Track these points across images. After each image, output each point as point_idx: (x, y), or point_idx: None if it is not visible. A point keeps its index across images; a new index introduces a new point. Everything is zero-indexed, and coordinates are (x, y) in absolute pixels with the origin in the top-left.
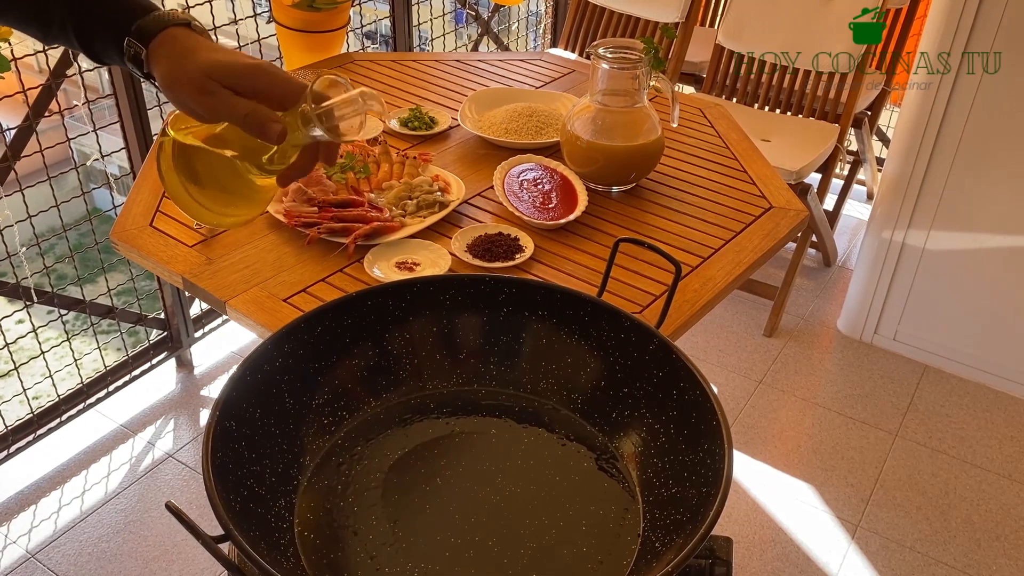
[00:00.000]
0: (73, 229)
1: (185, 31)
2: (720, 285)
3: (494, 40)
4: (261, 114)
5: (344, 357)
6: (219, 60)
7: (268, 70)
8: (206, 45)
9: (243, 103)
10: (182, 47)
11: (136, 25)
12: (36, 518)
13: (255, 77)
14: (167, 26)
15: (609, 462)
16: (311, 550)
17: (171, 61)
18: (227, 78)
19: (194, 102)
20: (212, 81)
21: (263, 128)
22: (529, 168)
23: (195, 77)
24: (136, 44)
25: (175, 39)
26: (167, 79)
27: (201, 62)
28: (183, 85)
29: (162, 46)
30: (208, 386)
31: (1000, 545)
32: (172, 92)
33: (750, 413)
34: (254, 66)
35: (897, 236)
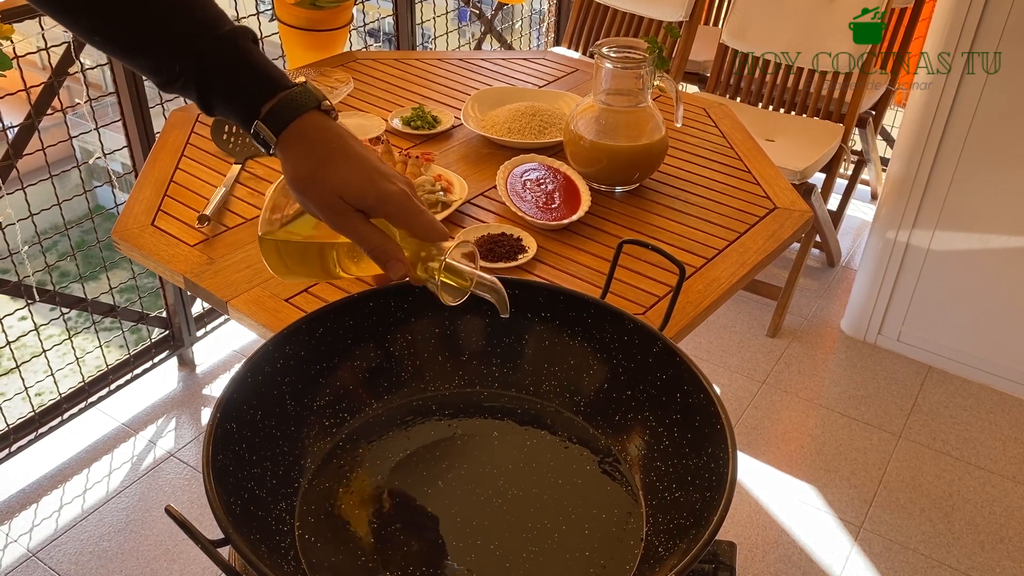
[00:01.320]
0: (75, 227)
1: (318, 121)
2: (724, 286)
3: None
4: (387, 251)
5: (346, 358)
6: (353, 185)
7: (399, 203)
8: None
9: (372, 235)
10: (316, 151)
11: (268, 109)
12: (37, 517)
13: (386, 208)
14: (300, 113)
15: (612, 465)
16: (312, 553)
17: (303, 165)
18: (359, 203)
19: (322, 215)
20: (343, 203)
21: (387, 265)
22: (532, 168)
23: (327, 195)
24: (266, 131)
25: (306, 136)
26: (297, 183)
27: (335, 181)
28: (313, 196)
29: (294, 144)
30: (210, 385)
31: (1004, 547)
32: (299, 196)
33: (753, 414)
34: (386, 198)
35: (901, 236)
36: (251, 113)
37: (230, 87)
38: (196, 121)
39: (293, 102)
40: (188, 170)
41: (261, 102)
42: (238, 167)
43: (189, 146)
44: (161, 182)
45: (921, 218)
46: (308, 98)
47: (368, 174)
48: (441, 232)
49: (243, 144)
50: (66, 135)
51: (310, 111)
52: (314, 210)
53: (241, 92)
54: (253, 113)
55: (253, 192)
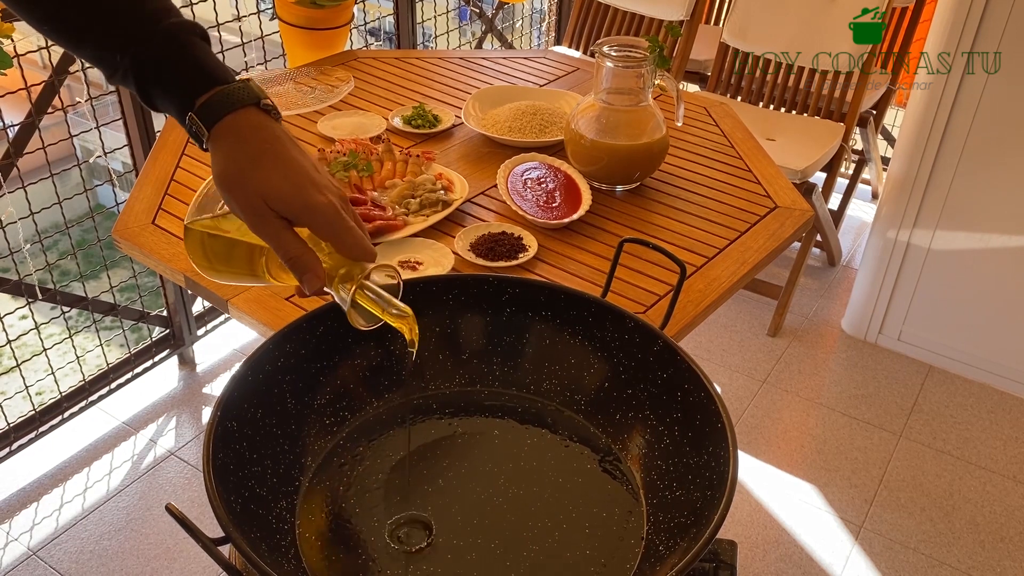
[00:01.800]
0: (76, 226)
1: (254, 118)
2: (725, 285)
3: (498, 38)
4: (304, 263)
5: (346, 357)
6: (280, 191)
7: (325, 215)
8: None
9: (291, 244)
10: (246, 149)
11: (201, 102)
12: (38, 515)
13: (310, 218)
14: (233, 109)
15: (613, 464)
16: (312, 552)
17: (231, 162)
18: (283, 210)
19: (243, 216)
20: (266, 207)
21: (302, 278)
22: (533, 167)
23: (250, 196)
24: (198, 123)
25: (239, 133)
26: (223, 180)
27: (260, 183)
28: (237, 195)
29: (225, 138)
30: (210, 384)
31: (1004, 547)
32: (224, 193)
33: (754, 413)
34: (312, 208)
35: (902, 236)
36: (186, 106)
37: (167, 79)
38: None
39: (229, 96)
40: (189, 169)
41: (196, 95)
42: None
43: (190, 145)
44: (162, 181)
45: (922, 217)
46: (246, 94)
47: (298, 181)
48: (367, 251)
49: None
50: (67, 134)
51: (247, 107)
52: (237, 210)
53: (177, 84)
54: (188, 106)
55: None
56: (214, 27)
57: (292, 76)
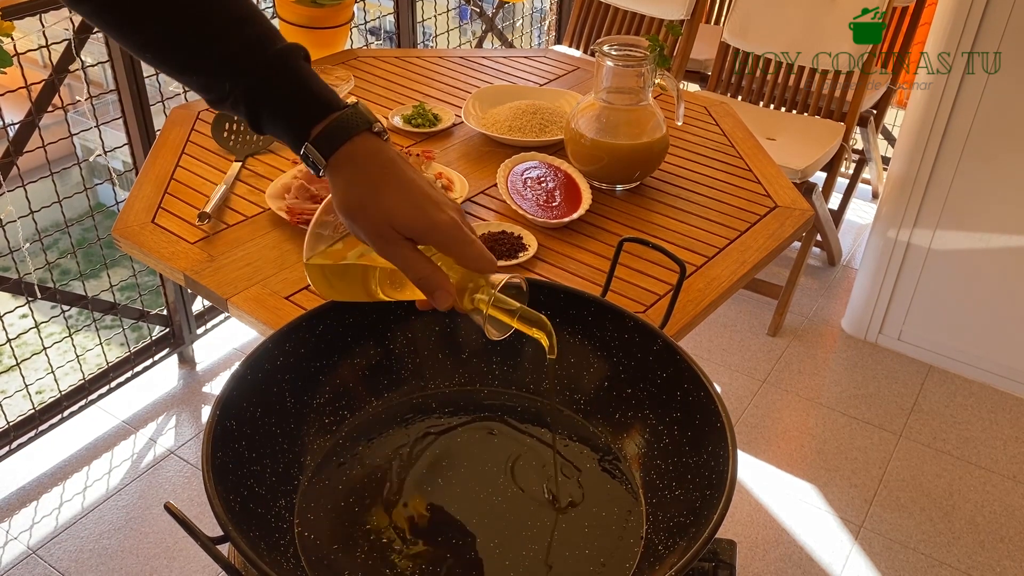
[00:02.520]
0: (76, 224)
1: (369, 144)
2: (724, 285)
3: (498, 37)
4: (435, 281)
5: (346, 356)
6: (403, 213)
7: (449, 232)
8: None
9: (420, 264)
10: (366, 176)
11: (317, 132)
12: (37, 514)
13: (435, 237)
14: (350, 136)
15: (612, 463)
16: (311, 551)
17: (353, 191)
18: (409, 232)
19: (370, 242)
20: (392, 231)
21: (433, 296)
22: (533, 166)
23: (376, 222)
24: (316, 154)
25: (356, 161)
26: (346, 209)
27: (385, 208)
28: (362, 222)
29: (344, 168)
30: (210, 383)
31: (1004, 547)
32: (348, 222)
33: (753, 413)
34: (436, 227)
35: (902, 235)
36: (301, 135)
37: (280, 108)
38: (197, 119)
39: (344, 124)
40: (189, 167)
41: (311, 124)
42: (239, 164)
43: (190, 143)
44: (162, 179)
45: (922, 217)
46: (359, 120)
47: (419, 201)
48: (491, 263)
49: (244, 142)
50: (67, 132)
51: (361, 133)
52: (362, 236)
53: (291, 113)
54: (303, 135)
55: (254, 190)
56: None
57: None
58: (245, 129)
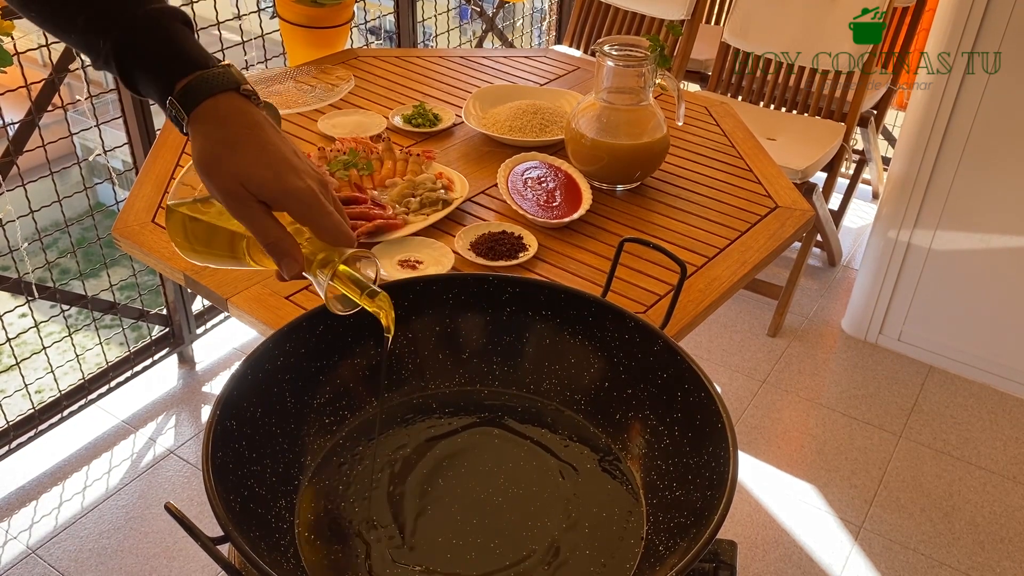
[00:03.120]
0: (75, 224)
1: (234, 103)
2: (725, 285)
3: (498, 37)
4: (283, 247)
5: (346, 356)
6: (258, 175)
7: (304, 200)
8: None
9: (270, 228)
10: (225, 133)
11: (181, 86)
12: (37, 514)
13: (288, 203)
14: (213, 93)
15: (612, 464)
16: (312, 551)
17: (209, 146)
18: (262, 195)
19: (222, 200)
20: (245, 191)
21: (280, 262)
22: (533, 166)
23: (228, 180)
24: (178, 107)
25: (218, 117)
26: (202, 164)
27: (239, 167)
28: (215, 179)
29: (204, 122)
30: (210, 382)
31: (1004, 547)
32: (203, 178)
33: (754, 413)
34: (290, 192)
35: (903, 236)
36: (166, 89)
37: (148, 63)
38: None
39: (209, 81)
40: None
41: (177, 79)
42: None
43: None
44: (162, 179)
45: (922, 218)
46: (226, 79)
47: (277, 166)
48: (347, 236)
49: None
50: (67, 132)
51: (227, 92)
52: (216, 194)
53: (158, 68)
54: (168, 89)
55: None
56: (214, 25)
57: (292, 75)
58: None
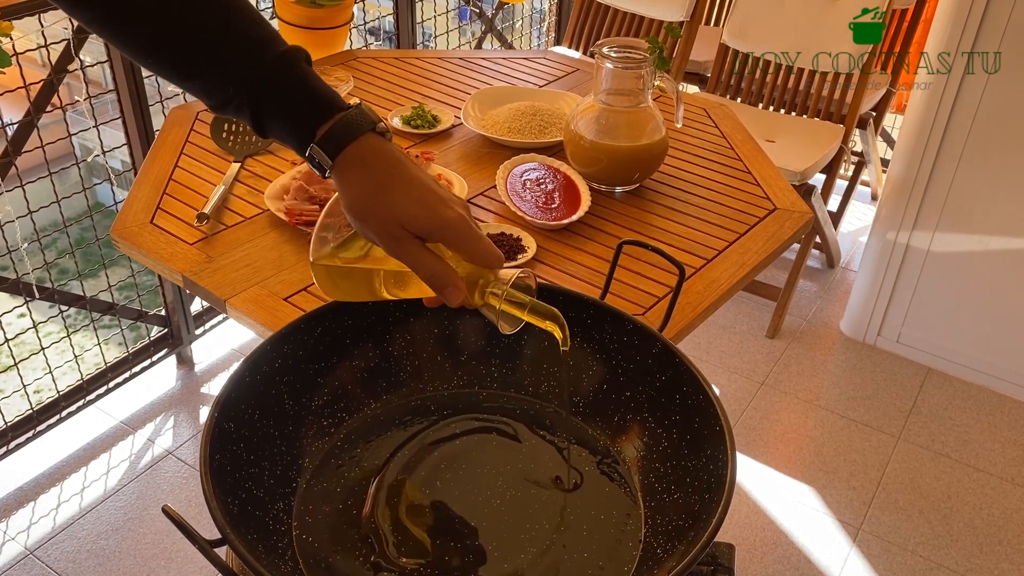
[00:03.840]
0: (74, 224)
1: (375, 144)
2: (724, 287)
3: (498, 38)
4: (446, 278)
5: (344, 358)
6: (412, 212)
7: (457, 229)
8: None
9: (431, 261)
10: (373, 176)
11: (322, 133)
12: (35, 515)
13: (444, 234)
14: (356, 136)
15: (611, 466)
16: (309, 553)
17: (360, 191)
18: (419, 230)
19: (380, 241)
20: (403, 230)
21: (444, 292)
22: (532, 167)
23: (386, 222)
24: (322, 155)
25: (364, 161)
26: (354, 210)
27: (394, 208)
28: (371, 223)
29: (351, 168)
30: (209, 383)
31: (1002, 549)
32: (358, 223)
33: (752, 415)
34: (444, 224)
35: (901, 238)
36: (306, 136)
37: (284, 110)
38: (196, 119)
39: (349, 125)
40: (187, 168)
41: (316, 125)
42: (237, 165)
43: (188, 144)
44: (160, 180)
45: (921, 219)
46: (364, 120)
47: (427, 200)
48: (499, 258)
49: (242, 142)
50: (65, 132)
51: (366, 134)
52: (372, 236)
53: (295, 115)
54: (308, 136)
55: (252, 190)
56: None
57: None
58: (244, 130)
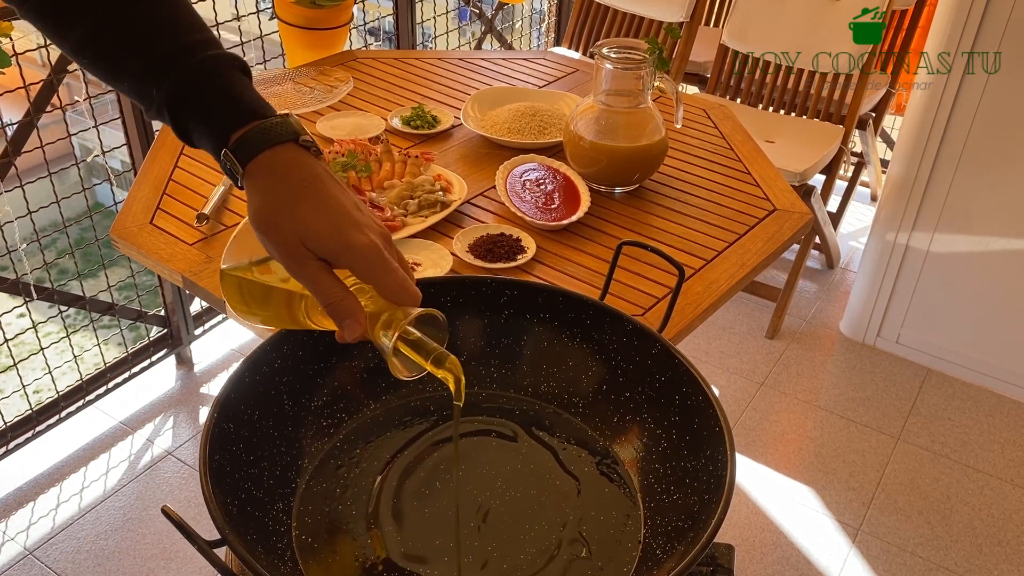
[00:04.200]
0: (74, 224)
1: (292, 155)
2: (723, 288)
3: (497, 38)
4: (344, 308)
5: (344, 358)
6: (317, 231)
7: (366, 256)
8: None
9: (331, 287)
10: (283, 187)
11: (237, 137)
12: (34, 515)
13: (350, 260)
14: (270, 144)
15: (610, 467)
16: (309, 554)
17: (267, 201)
18: (322, 251)
19: (279, 258)
20: (304, 248)
21: (341, 324)
22: (532, 168)
23: (287, 236)
24: (233, 160)
25: (276, 170)
26: (258, 220)
27: (298, 223)
28: (272, 236)
29: (261, 176)
30: (208, 384)
31: (1002, 550)
32: (259, 234)
33: (751, 415)
34: (352, 248)
35: (901, 238)
36: (221, 141)
37: (202, 114)
38: None
39: (266, 132)
40: (187, 168)
41: (232, 130)
42: None
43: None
44: (160, 180)
45: (921, 220)
46: (284, 129)
47: (337, 220)
48: (412, 295)
49: None
50: (65, 132)
51: (285, 143)
52: (272, 251)
53: (212, 117)
54: (223, 141)
55: None
56: (213, 26)
57: (291, 76)
58: None
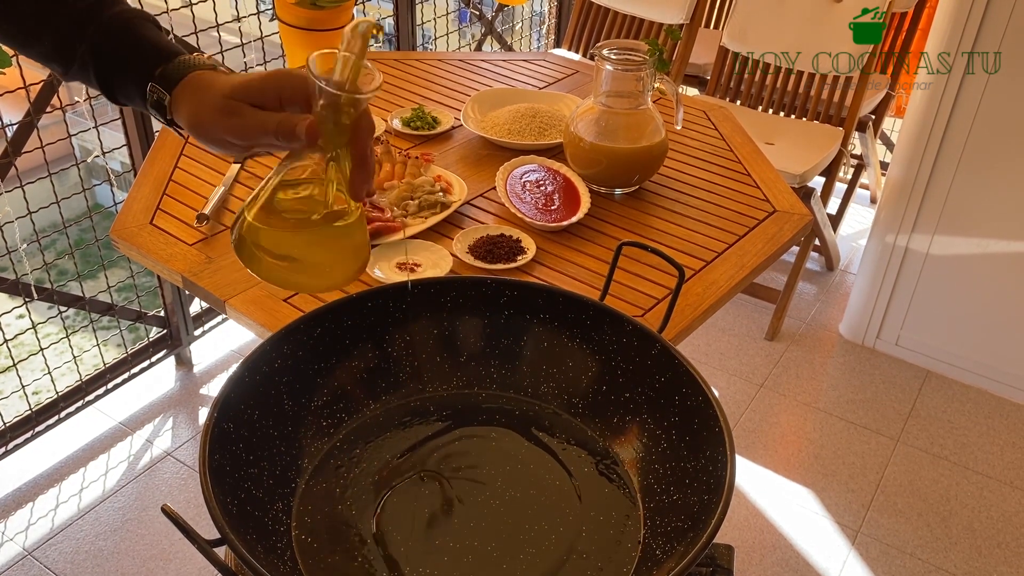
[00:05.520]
0: (74, 225)
1: (211, 74)
2: (723, 289)
3: (498, 40)
4: (291, 118)
5: (344, 359)
6: (236, 81)
7: (284, 73)
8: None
9: (271, 115)
10: (203, 86)
11: (160, 70)
12: (33, 515)
13: (275, 83)
14: (191, 70)
15: (610, 467)
16: (308, 554)
17: (193, 100)
18: (249, 95)
19: (223, 129)
20: (235, 102)
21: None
22: (532, 169)
23: (218, 104)
24: (160, 90)
25: (199, 82)
26: (192, 118)
27: (220, 89)
28: (207, 117)
29: (184, 90)
30: (207, 384)
31: (1001, 552)
32: (200, 130)
33: (751, 417)
34: (269, 75)
35: (900, 240)
36: (145, 78)
37: (125, 59)
38: None
39: (187, 62)
40: (187, 169)
41: (154, 68)
42: (237, 166)
43: (188, 145)
44: (160, 181)
45: (920, 222)
46: (203, 62)
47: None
48: None
49: None
50: (65, 133)
51: (204, 69)
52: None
53: (134, 65)
54: (147, 77)
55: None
56: (214, 27)
57: None
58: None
